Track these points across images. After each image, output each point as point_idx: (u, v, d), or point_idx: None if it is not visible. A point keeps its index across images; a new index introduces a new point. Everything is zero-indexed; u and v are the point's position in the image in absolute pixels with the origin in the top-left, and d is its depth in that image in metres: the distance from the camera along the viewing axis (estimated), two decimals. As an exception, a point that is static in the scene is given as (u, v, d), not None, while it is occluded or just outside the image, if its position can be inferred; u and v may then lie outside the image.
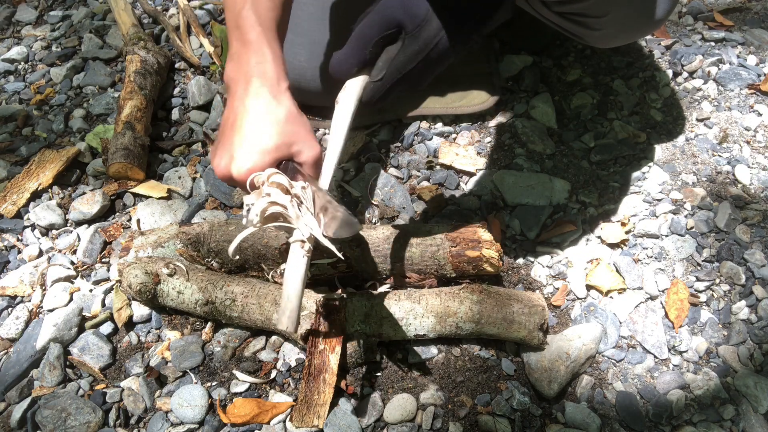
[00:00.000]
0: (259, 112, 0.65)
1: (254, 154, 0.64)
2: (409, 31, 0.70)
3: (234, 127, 0.66)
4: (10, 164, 1.24)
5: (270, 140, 0.65)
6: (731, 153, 1.16)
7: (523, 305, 0.88)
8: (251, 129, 0.65)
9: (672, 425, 0.86)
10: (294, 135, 0.67)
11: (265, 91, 0.66)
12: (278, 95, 0.67)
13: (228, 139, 0.66)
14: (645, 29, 0.95)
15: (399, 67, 0.71)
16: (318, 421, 0.83)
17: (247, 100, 0.65)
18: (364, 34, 0.71)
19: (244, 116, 0.65)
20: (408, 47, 0.70)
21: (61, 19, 1.61)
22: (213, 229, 0.98)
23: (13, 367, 0.93)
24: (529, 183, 1.11)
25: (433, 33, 0.70)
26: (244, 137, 0.65)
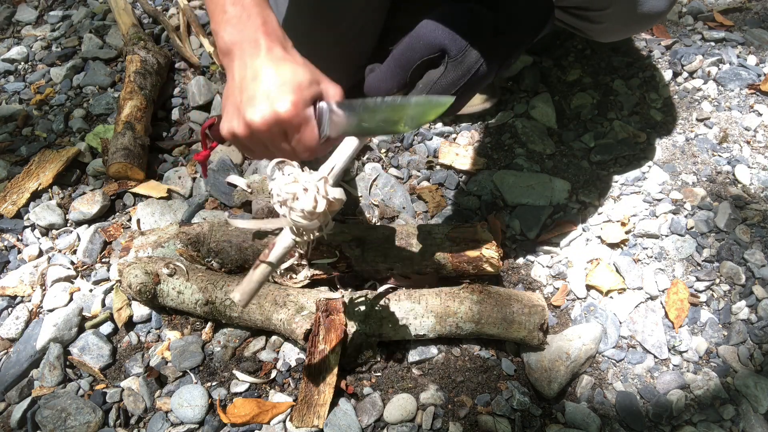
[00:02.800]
0: (279, 61, 0.66)
1: (294, 89, 0.64)
2: (452, 56, 0.68)
3: (258, 78, 0.65)
4: (10, 164, 1.24)
5: (303, 77, 0.65)
6: (731, 153, 1.16)
7: (523, 305, 0.88)
8: (279, 73, 0.65)
9: (672, 425, 0.86)
10: (318, 74, 0.68)
11: (277, 46, 0.67)
12: (290, 49, 0.68)
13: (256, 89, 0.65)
14: (646, 22, 0.95)
15: (440, 91, 0.70)
16: (318, 421, 0.83)
17: (262, 55, 0.66)
18: (405, 56, 0.70)
19: (266, 66, 0.65)
20: (450, 72, 0.69)
21: (61, 19, 1.61)
22: (213, 229, 0.98)
23: (13, 367, 0.93)
24: (529, 183, 1.11)
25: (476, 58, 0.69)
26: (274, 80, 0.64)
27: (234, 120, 0.67)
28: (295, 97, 0.64)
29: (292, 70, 0.65)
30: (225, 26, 0.67)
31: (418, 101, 0.65)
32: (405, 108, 0.65)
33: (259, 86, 0.65)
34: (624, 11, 0.89)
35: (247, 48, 0.66)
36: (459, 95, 0.71)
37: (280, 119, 0.64)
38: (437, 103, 0.65)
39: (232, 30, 0.67)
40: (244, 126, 0.66)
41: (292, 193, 0.65)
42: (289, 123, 0.64)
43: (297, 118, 0.64)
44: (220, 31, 0.68)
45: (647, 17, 0.92)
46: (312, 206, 0.65)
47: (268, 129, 0.65)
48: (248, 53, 0.66)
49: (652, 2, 0.89)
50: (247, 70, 0.66)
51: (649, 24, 0.97)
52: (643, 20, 0.93)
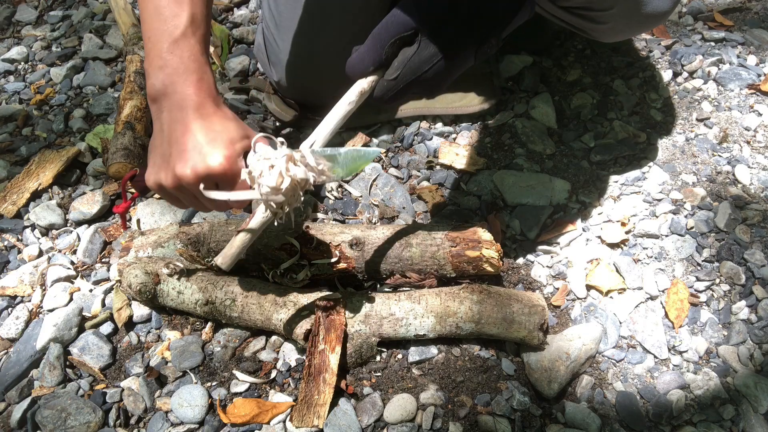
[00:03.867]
0: (210, 116, 0.67)
1: (225, 144, 0.66)
2: (425, 34, 0.69)
3: (188, 132, 0.66)
4: (10, 164, 1.24)
5: (234, 132, 0.68)
6: (731, 153, 1.16)
7: (523, 305, 0.88)
8: (210, 128, 0.67)
9: (672, 425, 0.86)
10: (246, 129, 0.71)
11: (209, 103, 0.68)
12: (221, 105, 0.70)
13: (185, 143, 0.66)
14: (650, 22, 0.95)
15: (414, 68, 0.71)
16: (318, 421, 0.83)
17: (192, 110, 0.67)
18: (380, 34, 0.72)
19: (197, 121, 0.67)
20: (423, 50, 0.70)
21: (61, 19, 1.61)
22: (213, 229, 0.98)
23: (13, 367, 0.93)
24: (529, 183, 1.11)
25: (450, 37, 0.70)
26: (206, 135, 0.66)
27: (161, 172, 0.68)
28: (227, 152, 0.66)
29: (222, 126, 0.67)
30: (158, 73, 0.67)
31: (347, 152, 0.69)
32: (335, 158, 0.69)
33: (190, 140, 0.66)
34: (628, 11, 0.89)
35: (178, 101, 0.67)
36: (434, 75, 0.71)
37: (212, 173, 0.66)
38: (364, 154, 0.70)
39: (165, 79, 0.67)
40: (172, 179, 0.67)
41: (260, 169, 0.67)
42: (222, 176, 0.66)
43: (230, 172, 0.66)
44: (152, 77, 0.68)
45: (651, 17, 0.92)
46: (276, 183, 0.66)
47: (199, 182, 0.66)
48: (178, 106, 0.67)
49: (656, 2, 0.89)
50: (177, 124, 0.67)
51: (653, 24, 0.97)
52: (647, 20, 0.93)
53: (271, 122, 1.26)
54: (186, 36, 0.67)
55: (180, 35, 0.67)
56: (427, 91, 0.75)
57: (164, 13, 0.67)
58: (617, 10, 0.88)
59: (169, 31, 0.67)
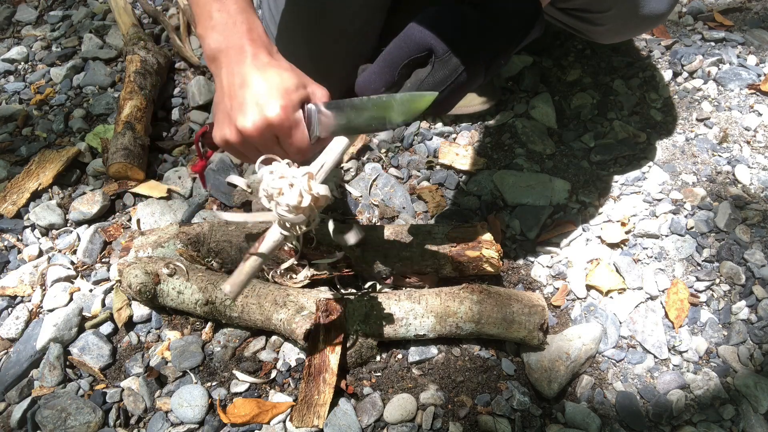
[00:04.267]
0: (266, 66, 0.67)
1: (281, 95, 0.66)
2: (439, 56, 0.69)
3: (246, 84, 0.66)
4: (10, 164, 1.24)
5: (289, 82, 0.67)
6: (731, 153, 1.16)
7: (523, 305, 0.88)
8: (266, 78, 0.66)
9: (672, 425, 0.86)
10: (304, 78, 0.70)
11: (263, 52, 0.68)
12: (276, 54, 0.70)
13: (244, 96, 0.66)
14: (647, 24, 0.95)
15: (427, 90, 0.70)
16: (318, 421, 0.83)
17: (248, 61, 0.67)
18: (392, 55, 0.71)
19: (253, 73, 0.66)
20: (437, 72, 0.69)
21: (61, 19, 1.61)
22: (213, 229, 0.98)
23: (13, 367, 0.93)
24: (529, 183, 1.11)
25: (463, 58, 0.69)
26: (262, 87, 0.66)
27: (225, 128, 0.68)
28: (283, 102, 0.65)
29: (278, 76, 0.67)
30: (211, 33, 0.68)
31: (402, 97, 0.67)
32: (390, 104, 0.67)
33: (248, 93, 0.66)
34: (625, 13, 0.89)
35: (234, 55, 0.67)
36: (448, 94, 0.71)
37: (270, 124, 0.65)
38: (421, 97, 0.67)
39: (218, 37, 0.68)
40: (236, 133, 0.67)
41: (278, 188, 0.67)
42: (279, 127, 0.66)
43: (287, 122, 0.66)
44: (207, 38, 0.69)
45: (648, 19, 0.92)
46: (297, 201, 0.66)
47: (260, 134, 0.66)
48: (234, 60, 0.67)
49: (653, 4, 0.89)
50: (235, 77, 0.67)
51: (651, 26, 0.97)
52: (645, 22, 0.93)
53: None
54: None
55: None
56: (438, 111, 0.75)
57: None
58: (615, 12, 0.88)
59: None
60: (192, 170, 0.83)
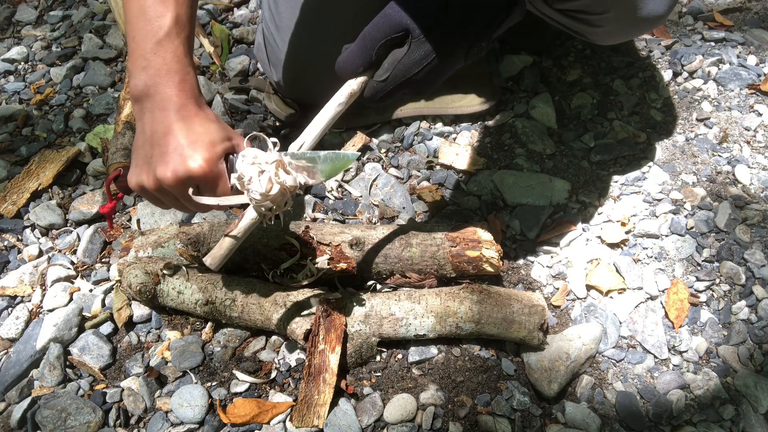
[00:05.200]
0: (193, 118, 0.68)
1: (206, 147, 0.66)
2: (415, 36, 0.69)
3: (170, 133, 0.67)
4: (10, 164, 1.24)
5: (216, 135, 0.68)
6: (731, 153, 1.16)
7: (523, 305, 0.88)
8: (191, 129, 0.67)
9: (672, 425, 0.86)
10: (229, 130, 0.71)
11: (191, 104, 0.68)
12: (203, 106, 0.70)
13: (168, 146, 0.66)
14: (646, 26, 0.95)
15: (404, 70, 0.71)
16: (318, 421, 0.83)
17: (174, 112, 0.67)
18: (370, 35, 0.72)
19: (178, 123, 0.67)
20: (414, 52, 0.70)
21: (61, 19, 1.61)
22: (213, 229, 0.98)
23: (13, 367, 0.93)
24: (529, 183, 1.11)
25: (440, 38, 0.70)
26: (187, 137, 0.66)
27: (143, 174, 0.69)
28: (207, 154, 0.66)
29: (203, 127, 0.67)
30: (141, 74, 0.68)
31: (327, 155, 0.69)
32: (315, 161, 0.69)
33: (171, 142, 0.66)
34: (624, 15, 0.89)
35: (160, 102, 0.67)
36: (426, 75, 0.71)
37: (192, 176, 0.66)
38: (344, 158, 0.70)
39: (148, 80, 0.67)
40: (153, 181, 0.67)
41: (250, 174, 0.67)
42: (202, 179, 0.67)
43: (210, 174, 0.66)
44: (135, 77, 0.68)
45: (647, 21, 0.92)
46: (266, 189, 0.67)
47: (180, 185, 0.66)
48: (160, 107, 0.67)
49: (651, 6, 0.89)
50: (159, 125, 0.67)
51: (649, 28, 0.97)
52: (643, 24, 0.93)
53: (271, 122, 1.26)
54: (170, 37, 0.67)
55: (164, 36, 0.67)
56: (417, 92, 0.76)
57: (149, 13, 0.67)
58: (613, 14, 0.88)
59: (153, 32, 0.67)
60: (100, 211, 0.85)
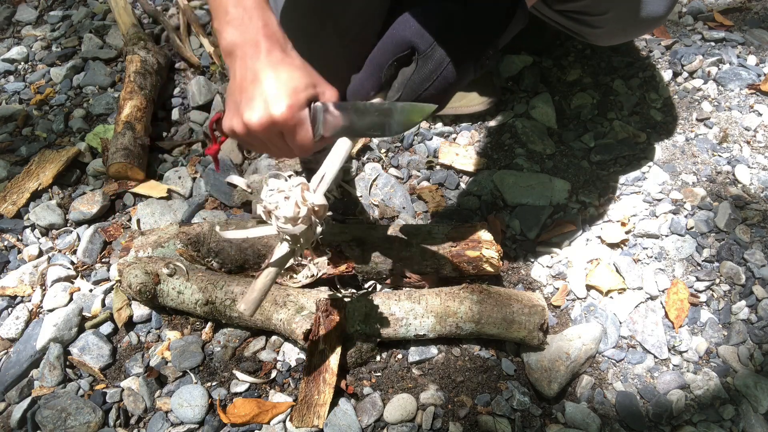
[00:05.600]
0: (278, 63, 0.68)
1: (290, 93, 0.67)
2: (422, 52, 0.70)
3: (257, 80, 0.68)
4: (10, 164, 1.24)
5: (299, 81, 0.68)
6: (731, 153, 1.16)
7: (523, 305, 0.88)
8: (277, 76, 0.68)
9: (672, 425, 0.86)
10: (315, 77, 0.71)
11: (277, 49, 0.69)
12: (290, 51, 0.71)
13: (254, 91, 0.68)
14: (645, 27, 0.95)
15: (414, 87, 0.71)
16: (318, 421, 0.83)
17: (262, 57, 0.68)
18: (376, 58, 0.72)
19: (265, 69, 0.68)
20: (422, 68, 0.70)
21: (61, 19, 1.61)
22: (213, 229, 0.98)
23: (13, 367, 0.93)
24: (529, 183, 1.11)
25: (447, 51, 0.70)
26: (272, 83, 0.67)
27: (234, 119, 0.70)
28: (290, 101, 0.67)
29: (289, 74, 0.68)
30: (227, 27, 0.69)
31: (404, 106, 0.69)
32: (391, 112, 0.69)
33: (257, 88, 0.67)
34: (623, 16, 0.89)
35: (248, 50, 0.69)
36: (438, 90, 0.71)
37: (275, 121, 0.67)
38: (420, 109, 0.69)
39: (234, 31, 0.69)
40: (242, 126, 0.69)
41: (275, 202, 0.68)
42: (284, 125, 0.67)
43: (292, 121, 0.67)
44: (223, 32, 0.70)
45: (646, 22, 0.92)
46: (293, 213, 0.67)
47: (264, 130, 0.68)
48: (249, 55, 0.68)
49: (651, 7, 0.89)
50: (247, 72, 0.68)
51: (649, 28, 0.97)
52: (643, 25, 0.94)
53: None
54: None
55: None
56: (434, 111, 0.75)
57: None
58: (613, 15, 0.88)
59: None
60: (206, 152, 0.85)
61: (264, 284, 0.74)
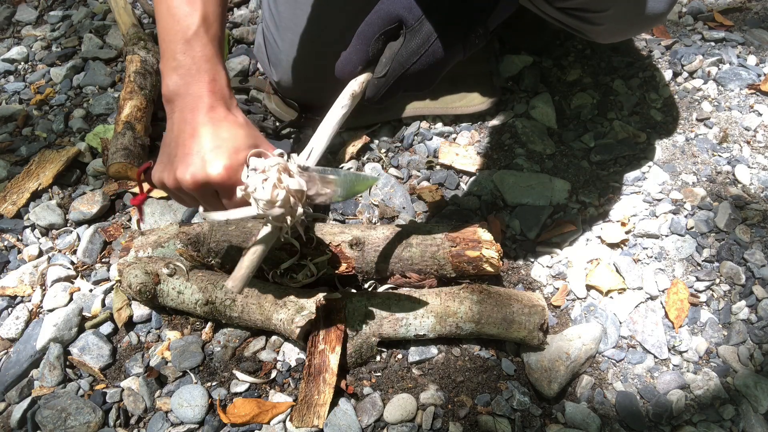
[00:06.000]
0: (221, 121, 0.67)
1: (230, 153, 0.66)
2: (409, 25, 0.69)
3: (195, 135, 0.66)
4: (10, 164, 1.24)
5: (240, 141, 0.67)
6: (731, 153, 1.16)
7: (523, 305, 0.88)
8: (218, 134, 0.66)
9: (672, 425, 0.86)
10: (257, 138, 0.70)
11: (221, 106, 0.68)
12: (233, 108, 0.70)
13: (191, 147, 0.66)
14: (646, 24, 0.95)
15: (402, 62, 0.70)
16: (318, 421, 0.83)
17: (203, 113, 0.67)
18: (364, 32, 0.71)
19: (206, 125, 0.66)
20: (410, 41, 0.69)
21: (61, 19, 1.61)
22: (213, 229, 0.98)
23: (13, 367, 0.93)
24: (529, 183, 1.11)
25: (435, 25, 0.69)
26: (212, 141, 0.66)
27: (165, 172, 0.69)
28: (228, 162, 0.65)
29: (230, 132, 0.67)
30: (172, 74, 0.68)
31: (347, 175, 0.69)
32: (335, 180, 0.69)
33: (195, 145, 0.66)
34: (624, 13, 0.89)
35: (190, 102, 0.67)
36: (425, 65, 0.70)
37: (210, 181, 0.65)
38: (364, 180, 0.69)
39: (179, 80, 0.67)
40: (173, 181, 0.67)
41: (254, 184, 0.66)
42: (220, 185, 0.66)
43: (229, 181, 0.66)
44: (166, 77, 0.68)
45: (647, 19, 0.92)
46: (271, 195, 0.66)
47: (198, 188, 0.66)
48: (190, 108, 0.67)
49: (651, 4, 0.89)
50: (186, 126, 0.67)
51: (649, 26, 0.97)
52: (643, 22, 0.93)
53: (271, 122, 1.26)
54: (198, 35, 0.67)
55: (192, 35, 0.67)
56: (418, 85, 0.74)
57: (177, 13, 0.67)
58: (613, 12, 0.88)
59: (182, 31, 0.67)
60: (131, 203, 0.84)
61: (251, 261, 0.73)
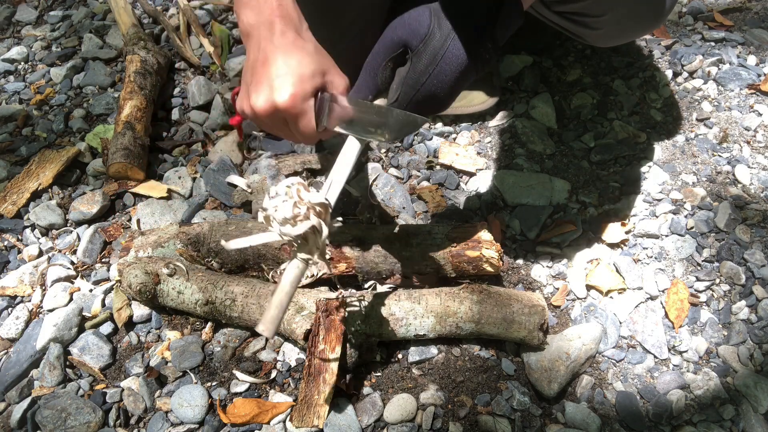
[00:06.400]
0: (290, 47, 0.68)
1: (295, 81, 0.67)
2: (414, 48, 0.69)
3: (267, 63, 0.68)
4: (10, 164, 1.24)
5: (307, 68, 0.68)
6: (731, 153, 1.16)
7: (523, 305, 0.88)
8: (286, 61, 0.67)
9: (672, 425, 0.86)
10: (326, 64, 0.71)
11: (291, 30, 0.69)
12: (303, 33, 0.71)
13: (262, 75, 0.68)
14: (644, 28, 0.95)
15: (412, 84, 0.70)
16: (318, 421, 0.83)
17: (275, 39, 0.68)
18: (371, 62, 0.72)
19: (276, 52, 0.68)
20: (417, 63, 0.69)
21: (61, 19, 1.61)
22: (213, 229, 0.98)
23: (13, 367, 0.93)
24: (529, 183, 1.11)
25: (439, 44, 0.70)
26: (280, 69, 0.67)
27: (243, 100, 0.71)
28: (294, 90, 0.67)
29: (298, 60, 0.68)
30: (244, 9, 0.70)
31: (398, 114, 0.69)
32: (387, 115, 0.69)
33: (266, 72, 0.68)
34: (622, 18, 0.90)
35: (263, 31, 0.69)
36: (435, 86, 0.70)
37: (278, 108, 0.67)
38: (413, 121, 0.69)
39: (250, 13, 0.70)
40: (249, 108, 0.70)
41: (274, 205, 0.68)
42: (286, 113, 0.68)
43: (294, 110, 0.67)
44: (240, 15, 0.71)
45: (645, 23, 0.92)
46: (291, 212, 0.67)
47: (268, 115, 0.68)
48: (263, 36, 0.69)
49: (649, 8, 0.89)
50: (260, 53, 0.69)
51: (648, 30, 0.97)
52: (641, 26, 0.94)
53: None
54: None
55: None
56: (432, 106, 0.73)
57: None
58: (611, 17, 0.88)
59: None
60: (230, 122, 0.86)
61: (281, 301, 0.71)
